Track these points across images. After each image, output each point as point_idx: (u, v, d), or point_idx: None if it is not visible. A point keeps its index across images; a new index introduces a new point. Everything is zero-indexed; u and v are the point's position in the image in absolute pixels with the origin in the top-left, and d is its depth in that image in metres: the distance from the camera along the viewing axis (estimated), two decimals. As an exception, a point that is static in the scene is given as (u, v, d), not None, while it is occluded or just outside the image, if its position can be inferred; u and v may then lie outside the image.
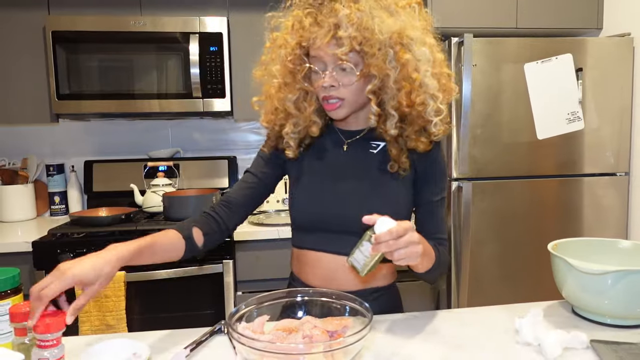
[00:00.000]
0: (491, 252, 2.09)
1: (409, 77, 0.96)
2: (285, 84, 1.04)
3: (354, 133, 1.10)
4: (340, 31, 0.92)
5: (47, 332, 0.77)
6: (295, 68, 1.01)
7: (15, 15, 2.12)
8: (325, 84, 0.98)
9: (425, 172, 1.07)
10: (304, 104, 1.05)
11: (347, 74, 0.97)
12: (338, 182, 1.07)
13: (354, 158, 1.09)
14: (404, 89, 0.97)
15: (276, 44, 1.04)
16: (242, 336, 0.75)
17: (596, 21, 2.22)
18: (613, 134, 2.11)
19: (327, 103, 1.01)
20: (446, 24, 2.14)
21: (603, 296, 0.96)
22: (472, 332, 0.98)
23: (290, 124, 1.06)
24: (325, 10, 0.94)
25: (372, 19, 0.92)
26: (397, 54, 0.95)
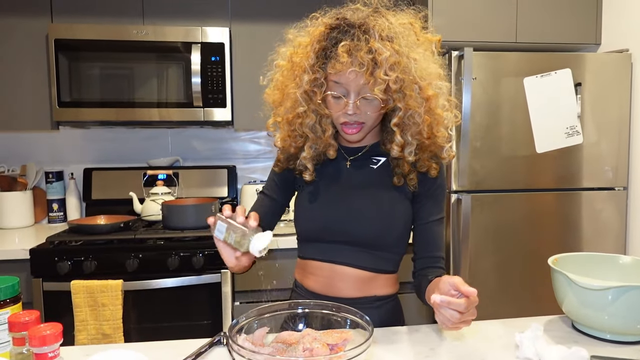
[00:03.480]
0: (490, 264, 2.09)
1: (433, 111, 1.00)
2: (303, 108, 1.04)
3: (356, 150, 1.13)
4: (379, 71, 0.93)
5: (44, 344, 0.76)
6: (312, 91, 1.01)
7: (18, 23, 2.14)
8: (350, 112, 1.00)
9: (427, 190, 1.10)
10: (321, 128, 1.06)
11: (371, 103, 1.00)
12: (341, 196, 1.10)
13: (357, 174, 1.12)
14: (426, 122, 1.00)
15: (296, 66, 1.03)
16: (242, 348, 0.75)
17: (594, 37, 2.25)
18: (611, 148, 2.12)
19: (346, 127, 1.03)
20: (447, 37, 2.14)
21: (603, 312, 0.96)
22: (473, 347, 0.98)
23: (308, 147, 1.07)
24: (361, 44, 0.94)
25: (409, 62, 0.95)
26: (422, 89, 0.98)
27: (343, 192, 1.10)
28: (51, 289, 1.84)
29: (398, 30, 0.97)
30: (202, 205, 2.10)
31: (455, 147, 2.02)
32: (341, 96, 1.00)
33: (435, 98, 1.00)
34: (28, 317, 0.79)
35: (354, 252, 1.08)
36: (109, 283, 1.79)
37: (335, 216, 1.08)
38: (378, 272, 1.11)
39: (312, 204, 1.11)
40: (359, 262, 1.09)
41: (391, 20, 0.99)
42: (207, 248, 1.93)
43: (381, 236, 1.08)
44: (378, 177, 1.10)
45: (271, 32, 1.09)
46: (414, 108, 0.98)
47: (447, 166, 2.06)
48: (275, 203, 1.18)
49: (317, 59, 0.99)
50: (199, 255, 1.91)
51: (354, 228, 1.07)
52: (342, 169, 1.13)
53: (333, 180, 1.12)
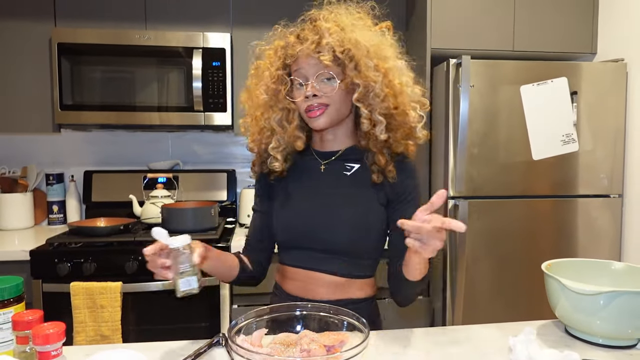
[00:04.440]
0: (486, 270, 2.10)
1: (392, 83, 1.05)
2: (269, 105, 1.10)
3: (330, 154, 1.15)
4: (323, 41, 1.01)
5: (47, 343, 0.78)
6: (277, 88, 1.08)
7: (22, 27, 2.16)
8: (308, 93, 1.04)
9: (403, 193, 1.10)
10: (287, 122, 1.11)
11: (329, 83, 1.04)
12: (314, 202, 1.12)
13: (330, 179, 1.13)
14: (388, 95, 1.04)
15: (260, 69, 1.12)
16: (241, 348, 0.77)
17: (590, 46, 2.28)
18: (607, 156, 2.15)
19: (309, 112, 1.06)
20: (445, 45, 2.18)
21: (595, 316, 0.98)
22: (468, 350, 1.00)
23: (275, 140, 1.12)
24: (308, 28, 1.05)
25: (352, 32, 1.02)
26: (377, 64, 1.03)
27: (316, 199, 1.12)
28: (51, 290, 1.85)
29: (345, 17, 1.06)
30: (202, 209, 2.12)
31: (452, 154, 2.04)
32: (303, 84, 1.05)
33: (392, 71, 1.06)
34: (32, 316, 0.81)
35: (329, 259, 1.10)
36: (108, 285, 1.80)
37: (308, 225, 1.10)
38: (354, 278, 1.12)
39: (287, 212, 1.14)
40: (334, 269, 1.11)
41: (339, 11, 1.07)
42: (206, 251, 1.94)
43: (356, 243, 1.09)
44: (351, 183, 1.12)
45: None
46: (372, 81, 1.02)
47: (444, 171, 2.09)
48: (263, 214, 1.20)
49: (279, 58, 1.07)
50: (198, 258, 1.93)
51: (328, 236, 1.09)
52: (316, 175, 1.14)
53: (307, 187, 1.14)
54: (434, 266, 2.21)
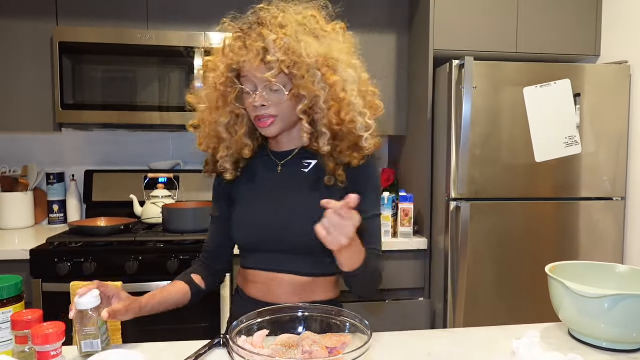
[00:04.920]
0: (488, 272, 2.09)
1: (337, 96, 1.01)
2: (217, 108, 1.07)
3: (286, 154, 1.13)
4: (269, 56, 0.97)
5: (46, 343, 0.77)
6: (226, 91, 1.05)
7: (23, 26, 2.16)
8: (256, 103, 1.02)
9: (359, 188, 1.05)
10: (235, 128, 1.08)
11: (277, 94, 1.02)
12: (273, 203, 1.10)
13: (288, 178, 1.12)
14: (332, 108, 1.02)
15: (208, 68, 1.08)
16: (242, 349, 0.76)
17: (594, 48, 2.27)
18: (610, 159, 2.14)
19: (259, 121, 1.04)
20: (448, 46, 2.18)
21: (600, 320, 0.97)
22: (470, 352, 0.99)
23: (222, 147, 1.10)
24: (254, 34, 0.99)
25: (299, 43, 0.98)
26: (325, 75, 1.00)
27: (275, 200, 1.10)
28: (51, 289, 1.84)
29: (292, 17, 1.01)
30: (202, 209, 2.11)
31: (454, 155, 2.04)
32: (250, 92, 1.02)
33: (342, 83, 1.01)
34: (31, 316, 0.80)
35: (290, 259, 1.08)
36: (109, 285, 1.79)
37: (268, 226, 1.08)
38: (316, 277, 1.11)
39: (246, 214, 1.13)
40: (295, 269, 1.09)
41: (287, 12, 1.02)
42: (206, 251, 1.94)
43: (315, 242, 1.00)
44: (309, 181, 1.10)
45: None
46: (316, 93, 1.00)
47: (446, 173, 2.08)
48: (222, 220, 1.19)
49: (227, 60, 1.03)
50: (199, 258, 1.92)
51: (287, 236, 1.07)
52: (273, 176, 1.13)
53: (265, 188, 1.12)
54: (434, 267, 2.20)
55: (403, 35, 2.41)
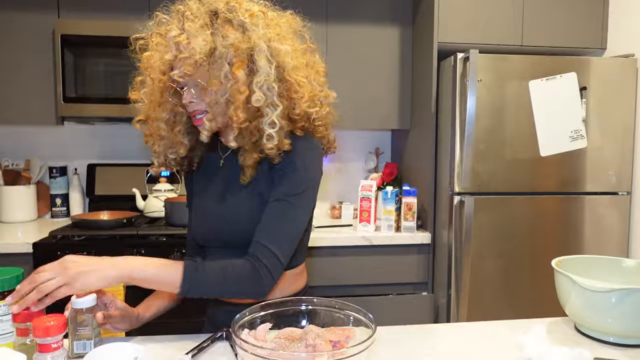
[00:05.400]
0: (492, 267, 2.08)
1: (239, 89, 0.93)
2: (158, 104, 1.03)
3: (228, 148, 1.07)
4: (167, 55, 0.94)
5: (47, 335, 0.77)
6: (163, 87, 1.01)
7: (25, 18, 2.14)
8: (185, 100, 0.99)
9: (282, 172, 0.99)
10: (170, 126, 1.05)
11: (202, 89, 0.96)
12: (215, 197, 1.07)
13: (228, 172, 1.08)
14: (236, 104, 0.94)
15: (145, 65, 1.03)
16: (245, 343, 0.75)
17: (600, 41, 2.25)
18: (616, 153, 2.12)
19: (194, 119, 1.01)
20: (452, 39, 2.16)
21: (607, 314, 0.96)
22: (475, 347, 0.98)
23: (161, 145, 1.05)
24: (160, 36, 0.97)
25: (195, 38, 0.91)
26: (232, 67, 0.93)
27: (214, 194, 1.07)
28: (53, 283, 1.84)
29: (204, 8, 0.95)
30: (205, 203, 2.10)
31: (458, 149, 2.02)
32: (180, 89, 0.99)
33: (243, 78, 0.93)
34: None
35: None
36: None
37: (212, 222, 1.06)
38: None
39: (193, 213, 1.12)
40: None
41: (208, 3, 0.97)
42: (209, 245, 1.93)
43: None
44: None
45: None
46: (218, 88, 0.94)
47: (450, 167, 2.06)
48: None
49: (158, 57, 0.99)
50: (201, 252, 1.92)
51: (233, 231, 1.03)
52: (215, 171, 1.10)
53: (209, 182, 1.10)
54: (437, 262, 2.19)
55: (406, 29, 2.39)
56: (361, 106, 2.37)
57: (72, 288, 0.82)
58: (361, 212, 2.21)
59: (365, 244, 2.11)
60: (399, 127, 2.43)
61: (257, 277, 0.94)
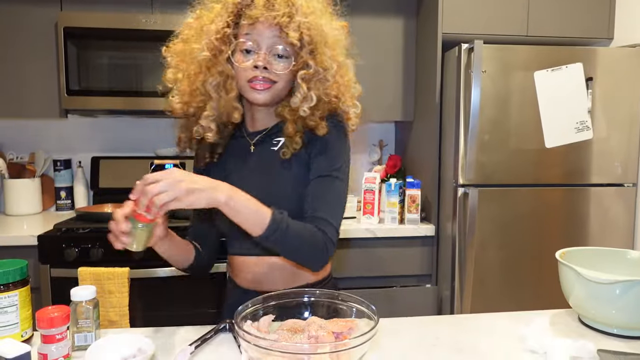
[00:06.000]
0: (496, 258, 2.08)
1: (343, 76, 1.05)
2: (207, 66, 0.99)
3: (258, 133, 1.09)
4: (296, 18, 0.95)
5: (51, 326, 0.77)
6: (220, 47, 0.98)
7: (28, 11, 2.14)
8: (259, 63, 0.96)
9: (317, 152, 1.03)
10: (224, 89, 1.01)
11: (282, 60, 0.99)
12: (248, 183, 1.05)
13: (260, 158, 1.08)
14: (336, 84, 1.03)
15: (203, 20, 1.00)
16: (248, 334, 0.75)
17: (607, 31, 2.22)
18: (622, 144, 2.10)
19: (255, 83, 0.98)
20: (457, 30, 2.14)
21: (611, 306, 0.96)
22: (478, 339, 0.98)
23: (209, 107, 1.02)
24: None
25: (322, 23, 1.00)
26: (334, 55, 1.02)
27: (250, 180, 1.05)
28: (58, 275, 1.85)
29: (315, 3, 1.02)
30: (209, 195, 2.10)
31: (462, 141, 2.01)
32: (252, 50, 0.98)
33: (345, 66, 1.05)
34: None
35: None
36: (116, 270, 1.80)
37: None
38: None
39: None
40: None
41: None
42: (213, 237, 1.93)
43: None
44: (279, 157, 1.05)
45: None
46: (325, 67, 1.00)
47: (454, 159, 2.06)
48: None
49: (229, 15, 0.98)
50: (205, 244, 1.92)
51: None
52: (246, 157, 1.09)
53: (239, 167, 1.09)
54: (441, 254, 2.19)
55: (411, 19, 2.36)
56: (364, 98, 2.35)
57: (181, 203, 0.81)
58: (365, 205, 2.21)
59: (369, 236, 2.11)
60: (403, 118, 2.42)
61: (322, 246, 0.96)
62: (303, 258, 0.97)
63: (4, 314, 0.85)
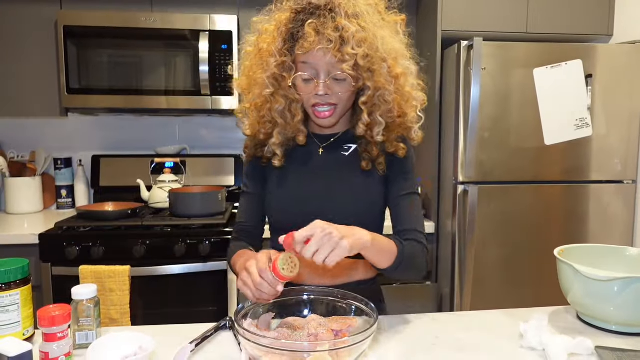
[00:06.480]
0: (495, 256, 2.08)
1: (402, 89, 1.02)
2: (272, 94, 1.03)
3: (328, 137, 1.12)
4: (347, 47, 0.94)
5: (53, 325, 0.78)
6: (281, 75, 1.01)
7: (28, 10, 2.14)
8: (320, 92, 0.99)
9: (397, 170, 1.09)
10: (290, 114, 1.05)
11: (342, 83, 1.00)
12: (314, 184, 1.09)
13: (329, 161, 1.11)
14: (396, 100, 1.02)
15: (263, 51, 1.03)
16: (248, 332, 0.76)
17: (607, 28, 2.21)
18: (621, 141, 2.10)
19: (318, 110, 1.02)
20: (456, 27, 2.13)
21: (609, 303, 0.96)
22: (477, 336, 0.98)
23: (277, 133, 1.07)
24: (328, 22, 0.94)
25: (375, 37, 0.96)
26: (391, 68, 1.00)
27: (316, 181, 1.09)
28: (60, 273, 1.86)
29: (363, 8, 0.98)
30: (209, 194, 2.11)
31: (462, 138, 2.01)
32: (311, 78, 0.99)
33: (404, 76, 1.02)
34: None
35: None
36: (117, 269, 1.81)
37: (311, 206, 1.07)
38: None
39: (286, 195, 1.11)
40: None
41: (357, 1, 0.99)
42: (213, 236, 1.94)
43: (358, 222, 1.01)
44: (349, 163, 1.10)
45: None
46: (383, 86, 0.99)
47: (454, 156, 2.06)
48: (257, 197, 1.16)
49: (285, 43, 0.99)
50: (205, 242, 1.93)
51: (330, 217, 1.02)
52: (314, 157, 1.12)
53: (306, 170, 1.11)
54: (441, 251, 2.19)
55: (410, 16, 2.36)
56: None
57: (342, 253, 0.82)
58: (365, 202, 2.21)
59: (369, 234, 2.11)
60: (403, 116, 2.42)
61: (425, 256, 1.05)
62: (415, 273, 1.04)
63: (6, 313, 0.85)
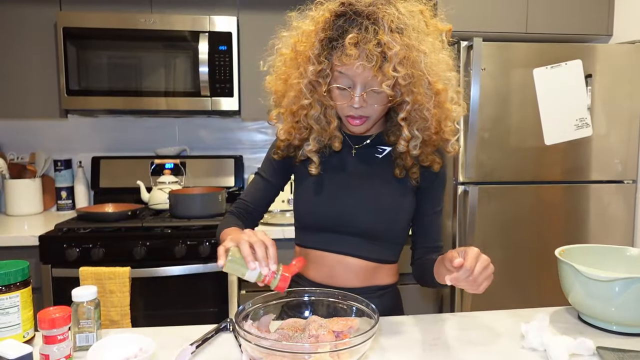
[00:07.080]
0: (496, 256, 2.08)
1: (442, 105, 0.99)
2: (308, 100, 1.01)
3: (361, 139, 1.12)
4: (388, 66, 0.90)
5: (53, 327, 0.77)
6: (317, 81, 0.98)
7: (27, 11, 2.14)
8: (356, 105, 0.97)
9: (430, 184, 1.10)
10: (326, 120, 1.04)
11: (377, 96, 0.97)
12: (345, 185, 1.09)
13: (362, 162, 1.11)
14: (435, 116, 0.99)
15: (300, 55, 0.99)
16: (249, 334, 0.76)
17: (606, 28, 2.21)
18: (621, 141, 2.10)
19: (351, 119, 1.01)
20: (456, 27, 2.10)
21: (610, 303, 0.96)
22: (478, 336, 0.98)
23: (313, 139, 1.06)
24: (370, 36, 0.89)
25: (419, 55, 0.92)
26: (432, 83, 0.96)
27: (348, 182, 1.09)
28: (60, 275, 1.86)
29: (408, 21, 0.93)
30: (209, 195, 2.11)
31: (462, 139, 2.01)
32: (346, 88, 0.97)
33: (445, 92, 0.98)
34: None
35: (359, 243, 1.08)
36: (117, 270, 1.81)
37: (342, 207, 1.07)
38: (381, 263, 1.11)
39: (317, 194, 1.10)
40: (363, 253, 1.08)
41: (400, 10, 0.93)
42: (213, 237, 1.94)
43: (387, 228, 1.07)
44: (383, 167, 1.09)
45: (280, 22, 1.07)
46: (423, 103, 0.96)
47: (454, 157, 2.06)
48: (271, 186, 1.17)
49: (323, 49, 0.95)
50: (206, 243, 1.93)
51: (360, 220, 1.06)
52: (347, 158, 1.11)
53: (338, 170, 1.10)
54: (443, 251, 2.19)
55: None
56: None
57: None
58: (365, 203, 2.21)
59: (369, 235, 2.11)
60: (403, 117, 2.42)
61: None
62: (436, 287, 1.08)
63: (6, 315, 0.85)
